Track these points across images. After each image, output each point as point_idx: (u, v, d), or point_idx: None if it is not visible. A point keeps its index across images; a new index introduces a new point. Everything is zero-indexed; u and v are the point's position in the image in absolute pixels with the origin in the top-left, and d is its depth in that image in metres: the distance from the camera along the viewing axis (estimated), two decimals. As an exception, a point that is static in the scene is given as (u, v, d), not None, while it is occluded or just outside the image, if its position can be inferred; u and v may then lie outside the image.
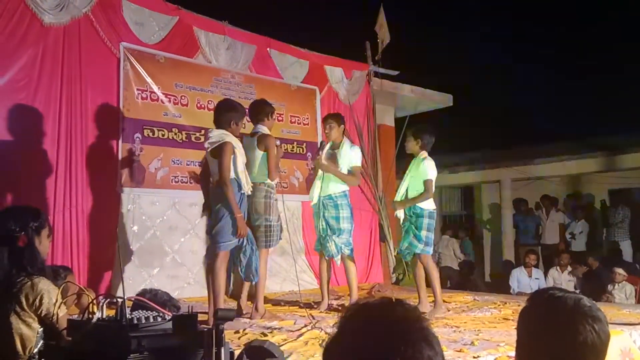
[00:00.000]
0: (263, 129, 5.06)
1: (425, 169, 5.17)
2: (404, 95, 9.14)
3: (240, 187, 4.58)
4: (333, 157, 5.49)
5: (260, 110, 5.12)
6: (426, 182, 5.15)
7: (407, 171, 5.36)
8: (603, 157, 11.35)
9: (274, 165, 4.94)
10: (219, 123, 4.64)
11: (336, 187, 5.42)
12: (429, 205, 5.23)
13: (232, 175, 4.51)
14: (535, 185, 12.51)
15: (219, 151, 4.48)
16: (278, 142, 5.12)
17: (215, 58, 6.75)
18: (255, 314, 4.90)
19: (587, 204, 11.85)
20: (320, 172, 5.47)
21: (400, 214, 5.34)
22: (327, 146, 5.61)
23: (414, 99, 9.31)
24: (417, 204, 5.20)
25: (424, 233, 5.18)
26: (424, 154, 5.28)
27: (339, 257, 5.40)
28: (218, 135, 4.56)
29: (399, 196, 5.36)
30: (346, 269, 5.50)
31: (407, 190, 5.30)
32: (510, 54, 15.73)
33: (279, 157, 5.10)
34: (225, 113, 4.64)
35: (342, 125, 5.58)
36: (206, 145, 4.61)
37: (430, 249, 5.28)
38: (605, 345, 1.46)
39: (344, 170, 5.44)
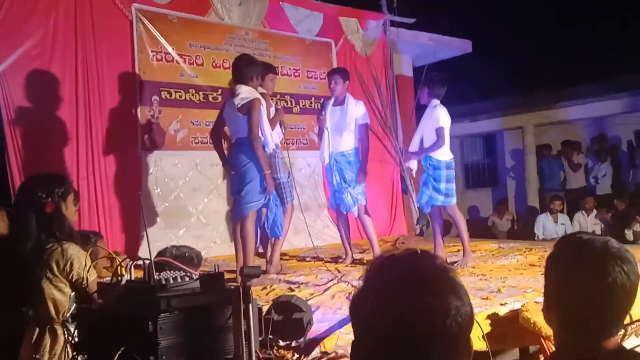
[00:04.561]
0: (261, 90, 5.00)
1: (437, 116, 5.05)
2: (422, 44, 8.94)
3: (265, 145, 4.57)
4: (337, 114, 5.42)
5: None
6: (438, 130, 5.03)
7: (421, 121, 5.28)
8: (627, 97, 11.08)
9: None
10: (240, 78, 4.60)
11: (347, 144, 5.37)
12: (445, 155, 5.12)
13: (259, 134, 4.50)
14: (559, 129, 12.30)
15: (249, 108, 4.44)
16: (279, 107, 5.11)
17: (228, 15, 6.65)
18: (269, 267, 4.94)
19: (610, 146, 11.64)
20: (326, 130, 5.41)
21: (413, 165, 5.26)
22: (330, 102, 5.51)
23: (432, 46, 9.09)
24: (433, 156, 5.10)
25: (443, 185, 5.09)
26: (435, 101, 5.14)
27: (356, 207, 5.39)
28: (248, 91, 4.52)
29: (413, 146, 5.27)
30: (363, 223, 5.49)
31: (421, 140, 5.22)
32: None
33: (277, 120, 5.04)
34: (246, 67, 4.60)
35: (347, 81, 5.49)
36: (237, 101, 4.51)
37: (453, 200, 5.16)
38: (636, 285, 1.45)
39: (351, 126, 5.36)
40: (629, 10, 13.19)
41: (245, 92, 4.51)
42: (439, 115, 5.05)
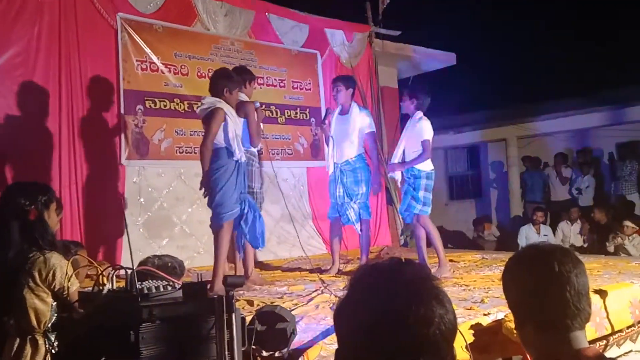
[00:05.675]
0: (242, 96, 5.01)
1: (421, 129, 5.11)
2: (407, 56, 9.02)
3: (231, 154, 4.51)
4: (341, 122, 5.46)
5: (239, 76, 5.07)
6: (424, 143, 5.10)
7: (403, 132, 5.32)
8: (609, 110, 11.23)
9: (255, 131, 4.90)
10: (212, 91, 4.62)
11: (351, 152, 5.41)
12: (426, 166, 5.18)
13: (223, 143, 4.47)
14: (541, 142, 12.43)
15: (207, 117, 4.47)
16: (258, 105, 5.04)
17: (214, 25, 6.66)
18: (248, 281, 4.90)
19: (592, 158, 11.79)
20: (330, 139, 5.45)
21: (398, 175, 5.31)
22: (336, 111, 5.56)
23: (417, 59, 9.18)
24: (414, 166, 5.16)
25: (421, 194, 5.14)
26: (420, 114, 5.20)
27: (359, 224, 5.42)
28: (210, 102, 4.54)
29: (395, 158, 5.32)
30: (363, 236, 5.53)
31: (403, 151, 5.27)
32: (512, 10, 15.38)
33: (260, 121, 5.05)
34: (218, 81, 4.61)
35: (351, 89, 5.52)
36: (198, 111, 4.60)
37: (428, 209, 5.21)
38: (585, 277, 1.56)
39: (355, 135, 5.39)
40: (611, 26, 13.44)
41: (207, 104, 4.53)
42: (424, 128, 5.12)
